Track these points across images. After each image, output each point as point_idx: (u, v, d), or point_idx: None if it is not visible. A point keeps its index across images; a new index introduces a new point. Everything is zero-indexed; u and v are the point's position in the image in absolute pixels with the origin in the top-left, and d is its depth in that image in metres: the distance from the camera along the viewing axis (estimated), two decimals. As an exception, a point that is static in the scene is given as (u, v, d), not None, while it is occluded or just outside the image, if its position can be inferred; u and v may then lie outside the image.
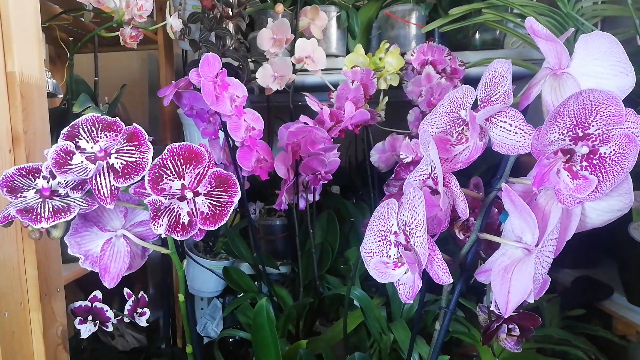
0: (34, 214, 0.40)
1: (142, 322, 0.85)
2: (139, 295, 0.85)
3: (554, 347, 0.90)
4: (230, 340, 1.18)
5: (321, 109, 1.02)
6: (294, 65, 1.12)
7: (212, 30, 1.08)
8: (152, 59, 1.75)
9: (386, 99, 1.14)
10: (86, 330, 0.81)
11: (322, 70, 1.14)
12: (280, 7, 1.15)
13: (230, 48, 1.10)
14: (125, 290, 0.86)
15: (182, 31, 1.05)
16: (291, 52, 1.13)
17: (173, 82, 0.92)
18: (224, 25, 1.09)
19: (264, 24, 1.13)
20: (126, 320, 0.84)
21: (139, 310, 0.85)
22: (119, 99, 0.98)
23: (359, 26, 1.31)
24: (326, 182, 1.05)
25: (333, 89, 1.08)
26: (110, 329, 0.83)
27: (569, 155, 0.41)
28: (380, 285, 1.11)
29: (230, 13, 1.10)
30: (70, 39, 0.91)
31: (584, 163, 0.41)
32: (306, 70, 1.14)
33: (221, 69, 0.88)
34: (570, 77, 0.41)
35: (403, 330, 0.87)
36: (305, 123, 0.98)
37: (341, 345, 0.95)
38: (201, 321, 1.33)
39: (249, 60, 1.15)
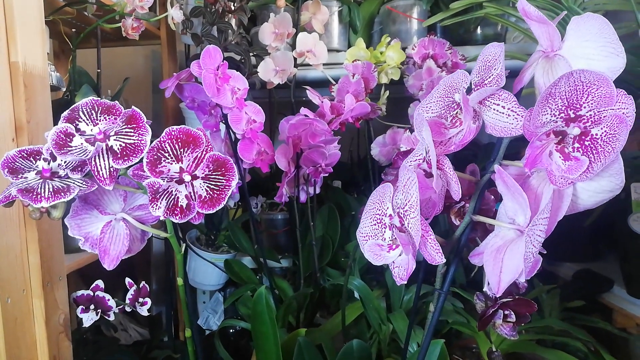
0: (35, 193, 0.41)
1: (143, 311, 0.85)
2: (141, 285, 0.86)
3: (553, 338, 0.90)
4: (231, 331, 1.19)
5: (322, 101, 1.02)
6: (295, 59, 1.13)
7: (214, 25, 1.08)
8: (155, 56, 1.76)
9: (387, 92, 1.15)
10: (88, 318, 0.82)
11: (323, 64, 1.15)
12: (282, 2, 1.16)
13: (232, 42, 1.11)
14: (127, 280, 0.87)
15: (185, 25, 1.06)
16: (293, 46, 1.14)
17: (175, 74, 0.93)
18: (226, 20, 1.10)
19: (266, 19, 1.13)
20: (127, 309, 0.85)
21: (140, 299, 0.86)
22: (121, 92, 0.99)
23: (360, 21, 1.31)
24: (327, 175, 1.05)
25: (334, 83, 1.09)
26: (112, 318, 0.84)
27: (560, 137, 0.41)
28: (380, 277, 1.12)
29: (232, 7, 1.11)
30: (74, 30, 0.91)
31: (576, 144, 0.41)
32: (308, 64, 1.15)
33: (222, 62, 0.89)
34: (562, 59, 0.42)
35: (402, 320, 0.87)
36: (305, 115, 0.98)
37: (341, 337, 0.96)
38: (203, 314, 1.34)
39: (251, 54, 1.16)
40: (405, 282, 0.45)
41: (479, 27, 1.31)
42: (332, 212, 1.20)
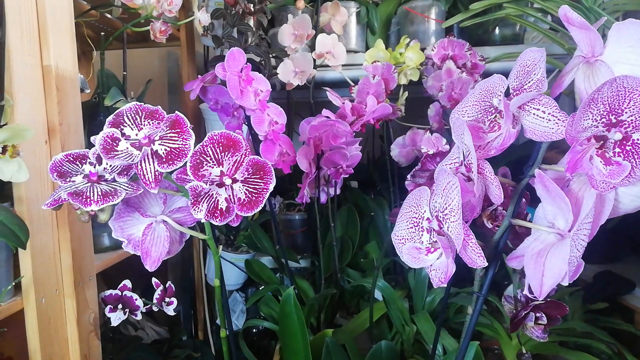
0: (84, 197, 0.41)
1: (170, 311, 0.86)
2: (167, 285, 0.87)
3: (576, 340, 0.90)
4: (254, 330, 1.20)
5: (343, 103, 1.03)
6: (314, 60, 1.13)
7: (235, 26, 1.09)
8: (171, 57, 1.77)
9: (406, 93, 1.15)
10: (116, 318, 0.83)
11: (342, 65, 1.15)
12: (301, 3, 1.17)
13: (252, 44, 1.12)
14: (154, 280, 0.88)
15: (206, 27, 1.07)
16: (312, 47, 1.15)
17: (199, 76, 0.94)
18: (246, 21, 1.11)
19: (284, 20, 1.14)
20: (155, 308, 0.86)
21: (167, 299, 0.87)
22: (145, 94, 1.00)
23: (378, 22, 1.32)
24: (347, 176, 1.06)
25: (353, 84, 1.09)
26: (139, 317, 0.85)
27: (602, 142, 0.42)
28: (400, 278, 1.12)
29: (252, 9, 1.11)
30: (102, 34, 0.93)
31: (617, 149, 0.41)
32: (326, 66, 1.15)
33: (245, 64, 0.90)
34: (604, 65, 0.42)
35: (426, 321, 0.88)
36: (327, 117, 0.99)
37: (363, 337, 0.97)
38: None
39: (271, 55, 1.17)
40: (445, 284, 0.45)
41: (497, 27, 1.31)
42: (352, 213, 1.21)
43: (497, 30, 1.32)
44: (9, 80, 0.64)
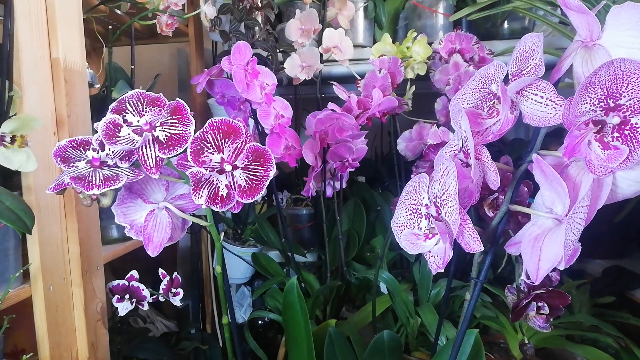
0: (86, 181, 0.42)
1: (176, 301, 0.87)
2: (173, 276, 0.88)
3: (583, 334, 0.89)
4: (260, 322, 1.21)
5: (349, 96, 1.03)
6: (321, 55, 1.14)
7: (242, 21, 1.10)
8: (181, 54, 1.79)
9: (413, 87, 1.15)
10: (123, 308, 0.84)
11: (349, 60, 1.16)
12: (308, -2, 1.17)
13: (260, 39, 1.13)
14: (160, 271, 0.89)
15: (213, 22, 1.08)
16: (319, 42, 1.15)
17: (206, 70, 0.95)
18: (253, 16, 1.12)
19: (292, 15, 1.15)
20: (161, 298, 0.87)
21: (173, 290, 0.88)
22: (153, 88, 1.01)
23: (386, 16, 1.32)
24: (353, 169, 1.06)
25: (360, 78, 1.10)
26: (145, 307, 0.86)
27: (600, 126, 0.42)
28: (406, 272, 1.12)
29: (260, 4, 1.12)
30: (110, 27, 0.94)
31: (615, 134, 0.41)
32: (333, 60, 1.16)
33: (251, 57, 0.90)
34: (602, 49, 0.42)
35: (430, 313, 0.88)
36: (332, 110, 0.99)
37: (367, 330, 0.97)
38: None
39: (278, 50, 1.17)
40: (442, 270, 0.45)
41: (505, 21, 1.30)
42: (358, 207, 1.21)
43: (505, 24, 1.31)
44: (18, 72, 0.65)
